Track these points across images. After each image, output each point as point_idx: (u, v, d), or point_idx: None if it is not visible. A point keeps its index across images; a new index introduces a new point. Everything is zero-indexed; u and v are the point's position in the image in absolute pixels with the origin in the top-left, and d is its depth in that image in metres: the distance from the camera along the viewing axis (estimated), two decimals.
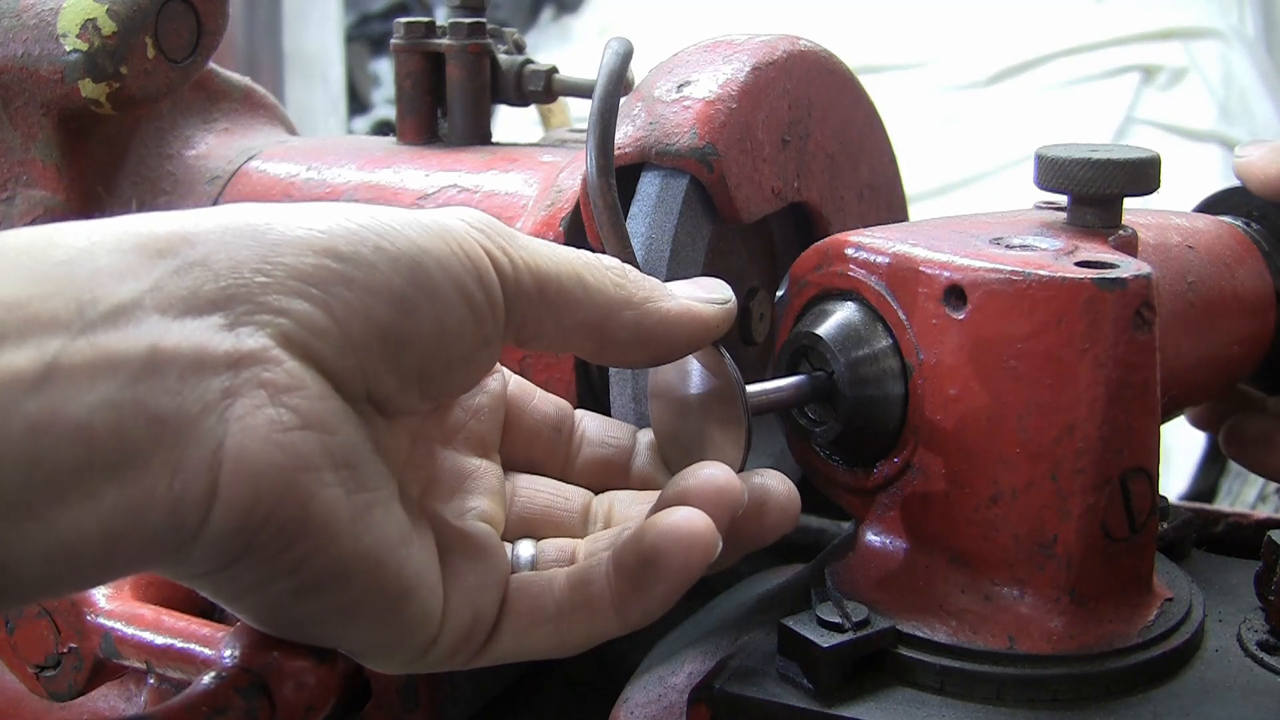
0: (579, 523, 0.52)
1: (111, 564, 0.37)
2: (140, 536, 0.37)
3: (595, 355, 0.48)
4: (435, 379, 0.44)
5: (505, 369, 0.55)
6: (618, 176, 0.57)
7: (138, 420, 0.36)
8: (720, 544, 0.45)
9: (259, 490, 0.38)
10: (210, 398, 0.37)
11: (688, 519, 0.44)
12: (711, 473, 0.46)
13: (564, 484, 0.54)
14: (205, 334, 0.37)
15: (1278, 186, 0.68)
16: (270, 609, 0.42)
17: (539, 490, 0.53)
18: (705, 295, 0.49)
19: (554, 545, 0.50)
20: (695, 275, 0.58)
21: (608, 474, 0.54)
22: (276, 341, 0.39)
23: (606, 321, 0.47)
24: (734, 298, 0.51)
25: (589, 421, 0.55)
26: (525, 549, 0.50)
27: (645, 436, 0.55)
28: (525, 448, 0.54)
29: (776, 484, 0.49)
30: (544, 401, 0.55)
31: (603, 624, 0.46)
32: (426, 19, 0.79)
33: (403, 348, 0.41)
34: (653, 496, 0.52)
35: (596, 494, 0.54)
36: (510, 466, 0.54)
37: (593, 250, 0.48)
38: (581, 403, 0.61)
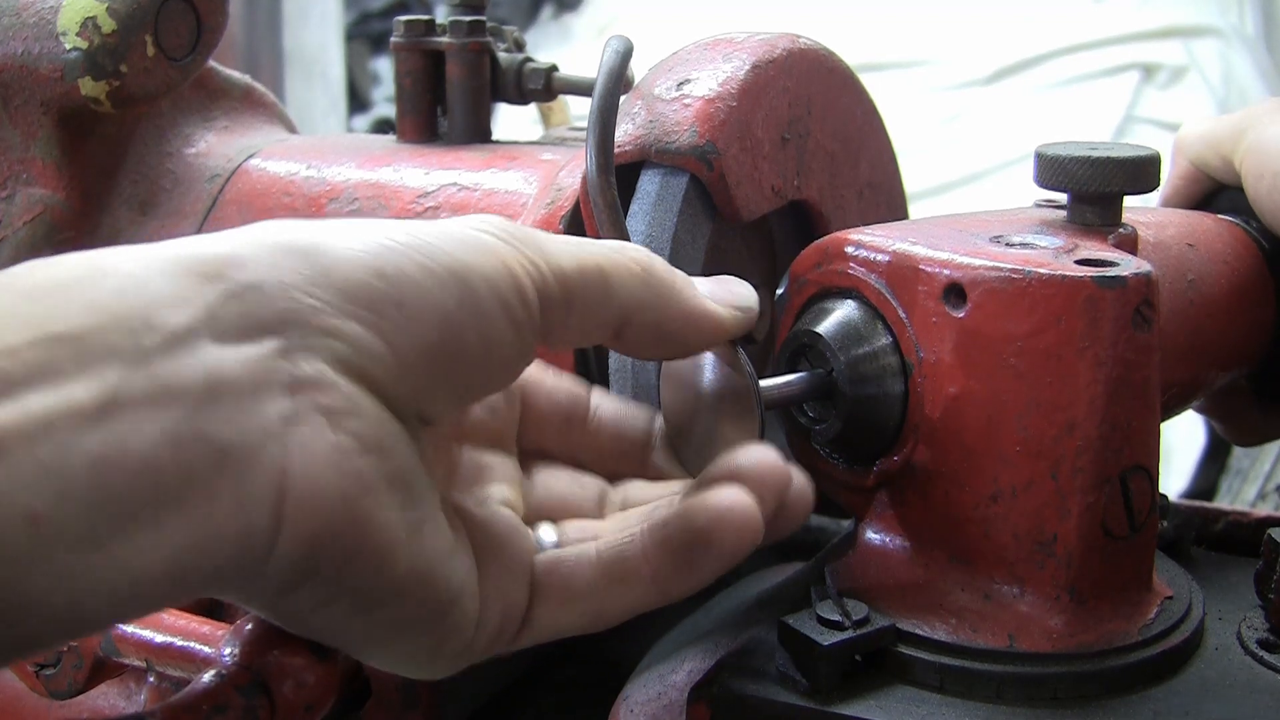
0: (595, 510, 0.52)
1: (177, 595, 0.37)
2: (208, 567, 0.36)
3: (609, 344, 0.48)
4: (477, 390, 0.44)
5: None
6: (617, 175, 0.57)
7: (200, 451, 0.36)
8: (763, 527, 0.45)
9: (324, 516, 0.38)
10: (270, 425, 0.37)
11: (740, 500, 0.45)
12: (763, 454, 0.47)
13: (580, 473, 0.54)
14: (261, 360, 0.37)
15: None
16: (324, 627, 0.42)
17: (555, 480, 0.53)
18: (729, 298, 0.49)
19: (575, 526, 0.50)
20: (695, 273, 0.58)
21: (624, 460, 0.54)
22: (331, 366, 0.39)
23: (628, 318, 0.47)
24: (758, 305, 0.50)
25: (605, 405, 0.55)
26: (547, 533, 0.50)
27: (661, 422, 0.55)
28: (538, 435, 0.54)
29: (793, 471, 0.49)
30: (556, 388, 0.54)
31: (642, 598, 0.46)
32: (426, 17, 0.79)
33: (451, 365, 0.42)
34: (669, 486, 0.52)
35: (613, 481, 0.54)
36: (525, 455, 0.54)
37: None
38: None
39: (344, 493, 0.38)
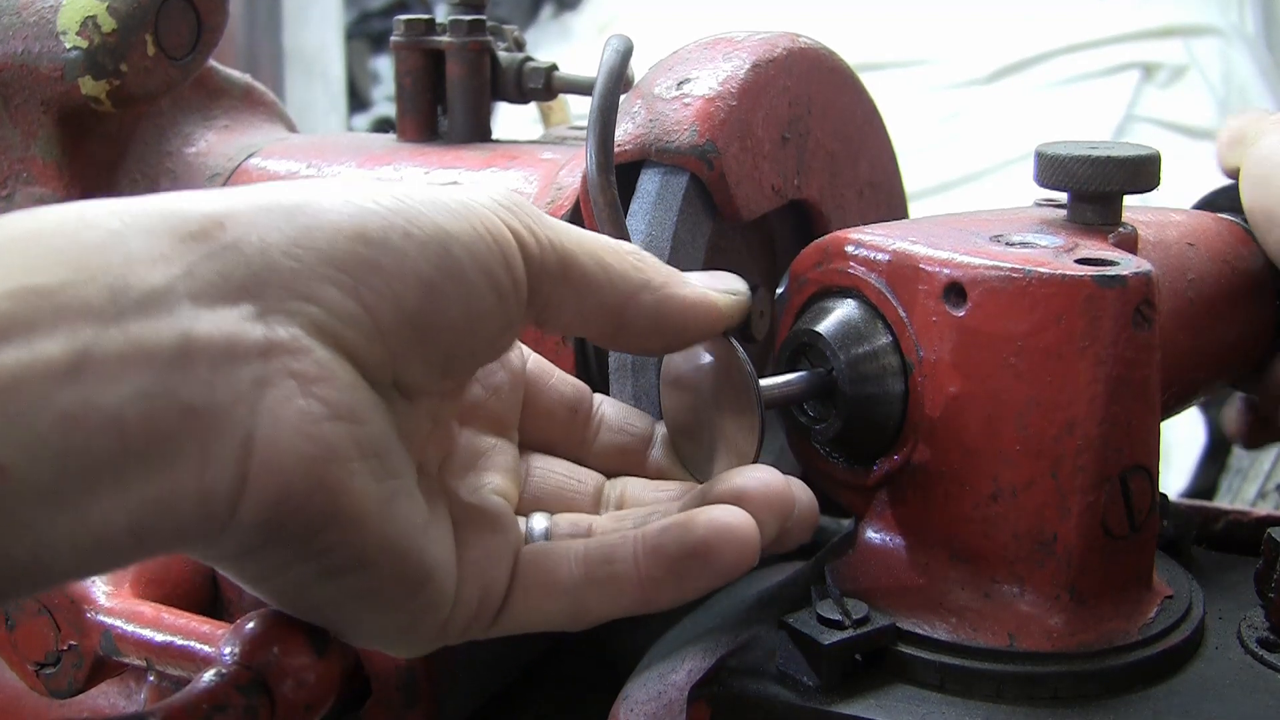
0: (591, 504, 0.53)
1: (140, 552, 0.37)
2: (170, 526, 0.37)
3: (609, 339, 0.49)
4: (459, 361, 0.44)
5: (524, 346, 0.55)
6: (618, 174, 0.57)
7: (169, 411, 0.36)
8: (759, 550, 0.45)
9: (289, 482, 0.38)
10: (241, 388, 0.37)
11: (744, 521, 0.45)
12: (766, 477, 0.47)
13: (578, 466, 0.54)
14: (236, 323, 0.37)
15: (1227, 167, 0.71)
16: (292, 591, 0.43)
17: (552, 470, 0.53)
18: (720, 286, 0.50)
19: (568, 519, 0.50)
20: (696, 272, 0.58)
21: (624, 461, 0.55)
22: (307, 331, 0.39)
23: (625, 304, 0.47)
24: (748, 290, 0.51)
25: (608, 407, 0.56)
26: (539, 522, 0.50)
27: (663, 427, 0.56)
28: (540, 427, 0.54)
29: (798, 493, 0.50)
30: (562, 382, 0.55)
31: (625, 602, 0.46)
32: (426, 16, 0.79)
33: (430, 334, 0.42)
34: (666, 486, 0.52)
35: (611, 477, 0.54)
36: (525, 445, 0.54)
37: None
38: None
39: (310, 458, 0.38)
